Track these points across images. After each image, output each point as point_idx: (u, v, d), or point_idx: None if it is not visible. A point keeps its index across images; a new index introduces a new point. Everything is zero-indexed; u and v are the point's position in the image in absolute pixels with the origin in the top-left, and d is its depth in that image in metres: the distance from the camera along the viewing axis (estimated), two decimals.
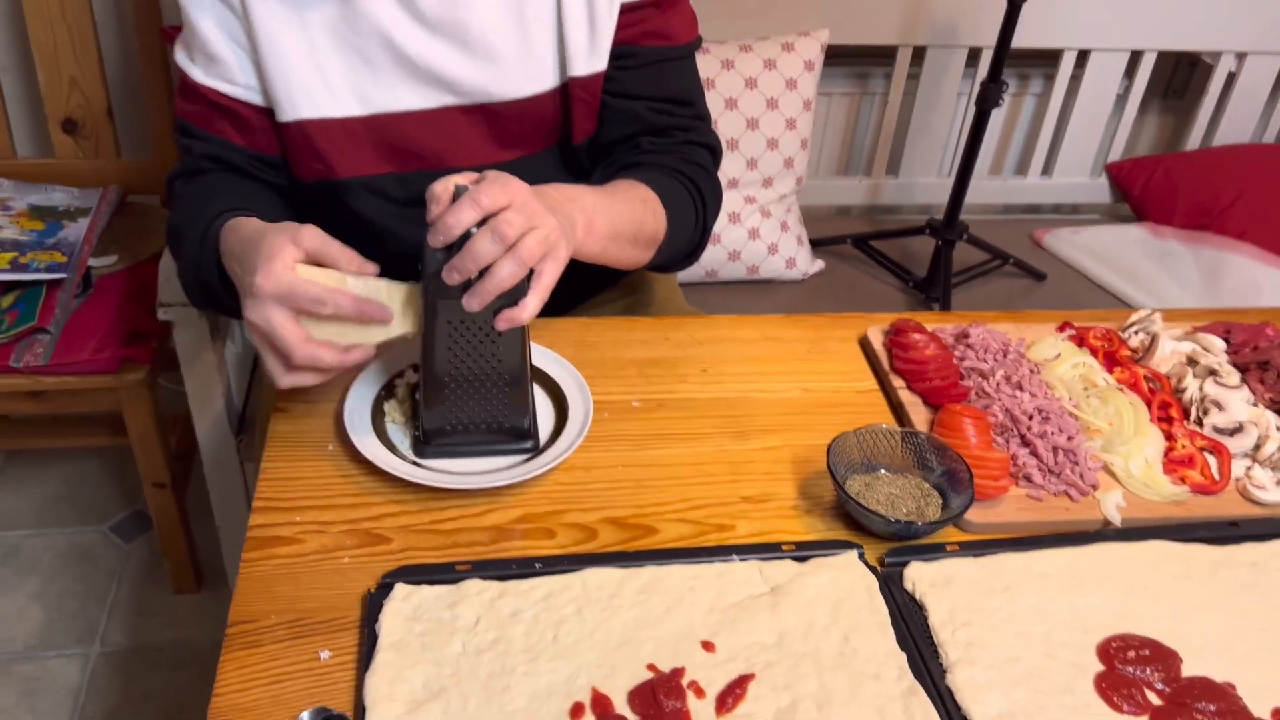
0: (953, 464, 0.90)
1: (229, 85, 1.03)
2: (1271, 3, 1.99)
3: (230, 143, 1.05)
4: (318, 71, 1.02)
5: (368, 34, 1.01)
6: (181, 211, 1.02)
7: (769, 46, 1.74)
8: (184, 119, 1.05)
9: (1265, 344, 1.12)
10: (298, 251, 0.82)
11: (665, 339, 1.11)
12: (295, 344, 0.81)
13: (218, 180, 1.04)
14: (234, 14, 1.00)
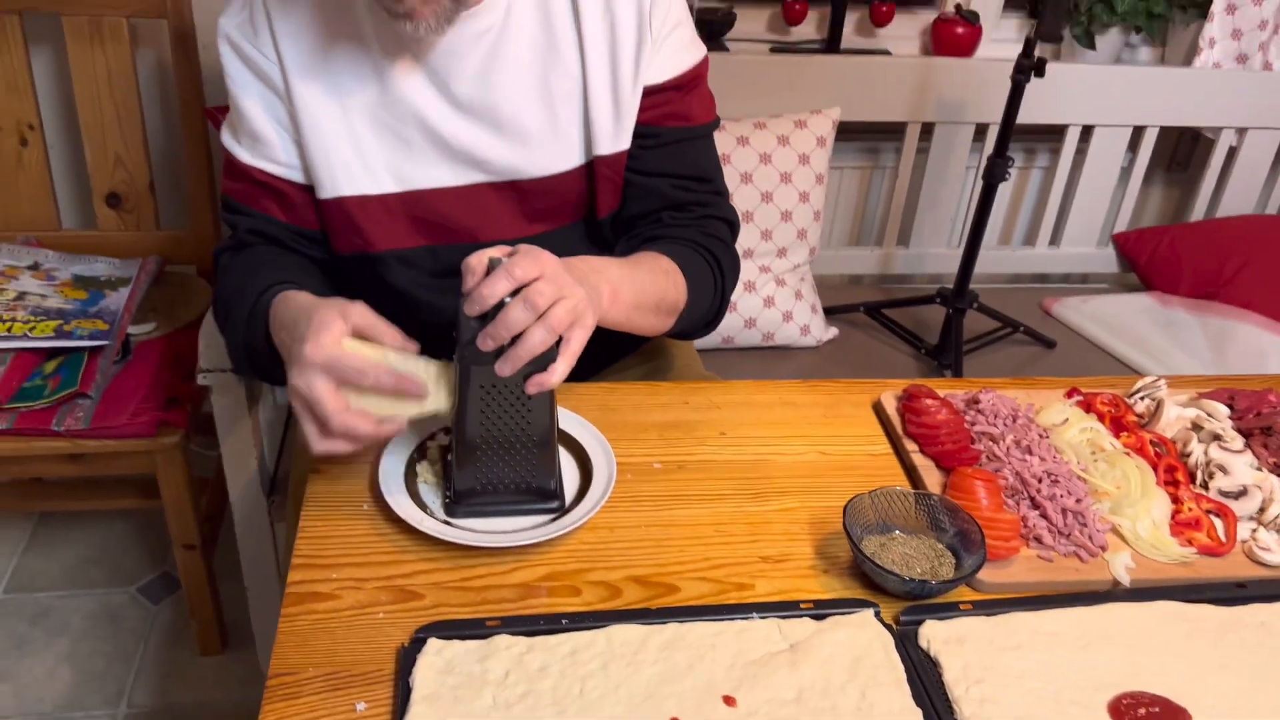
0: (965, 525, 0.93)
1: (272, 164, 1.09)
2: (1268, 81, 2.06)
3: (273, 218, 1.11)
4: (357, 151, 1.08)
5: (404, 116, 1.08)
6: (229, 284, 1.08)
7: (783, 124, 1.81)
8: (229, 196, 1.12)
9: (1268, 409, 1.15)
10: (345, 326, 0.87)
11: (685, 403, 1.15)
12: (334, 411, 0.86)
13: (262, 253, 1.10)
14: (279, 98, 1.07)
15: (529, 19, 1.08)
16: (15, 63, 1.66)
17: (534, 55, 1.09)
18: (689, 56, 1.15)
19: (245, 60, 1.07)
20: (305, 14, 1.06)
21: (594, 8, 1.08)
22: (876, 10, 2.08)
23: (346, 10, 1.06)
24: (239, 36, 1.06)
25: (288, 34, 1.05)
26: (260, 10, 1.06)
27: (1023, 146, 2.20)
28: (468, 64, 1.07)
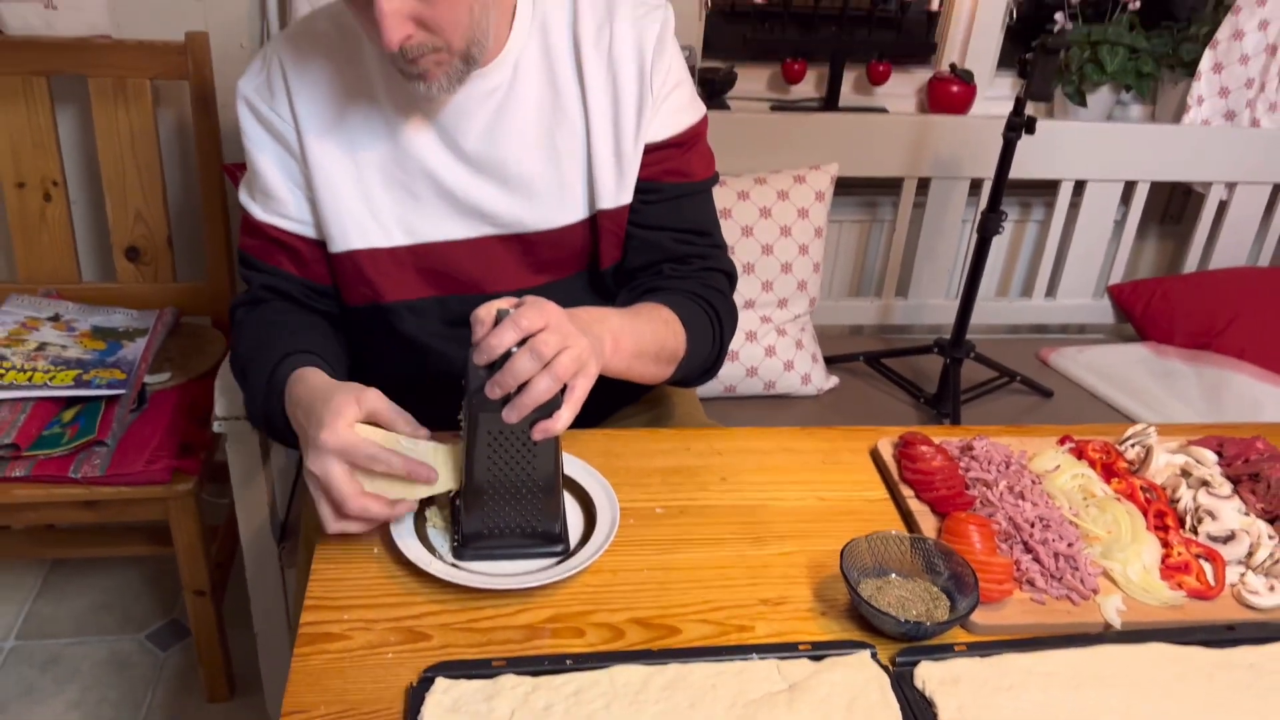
0: (959, 569, 0.96)
1: (286, 221, 1.14)
2: (1255, 138, 2.12)
3: (287, 273, 1.15)
4: (368, 206, 1.13)
5: (415, 172, 1.12)
6: (246, 343, 1.12)
7: (782, 179, 1.87)
8: (245, 252, 1.16)
9: (1255, 456, 1.17)
10: (359, 411, 0.92)
11: (687, 449, 1.18)
12: (349, 496, 0.90)
13: (277, 311, 1.14)
14: (293, 157, 1.12)
15: (535, 78, 1.13)
16: (42, 122, 1.72)
17: (540, 113, 1.14)
18: (689, 115, 1.20)
19: (262, 121, 1.12)
20: (321, 76, 1.11)
21: (597, 68, 1.13)
22: (873, 69, 2.15)
23: (360, 72, 1.11)
24: (256, 98, 1.12)
25: (304, 96, 1.11)
26: (277, 73, 1.11)
27: (1018, 200, 2.25)
28: (476, 121, 1.12)
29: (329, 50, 1.12)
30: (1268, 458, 1.17)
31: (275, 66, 1.12)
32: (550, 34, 1.13)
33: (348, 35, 1.12)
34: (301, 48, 1.12)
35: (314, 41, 1.12)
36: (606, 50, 1.13)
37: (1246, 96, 2.12)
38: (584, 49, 1.13)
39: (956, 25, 2.19)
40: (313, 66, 1.11)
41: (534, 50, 1.13)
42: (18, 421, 1.49)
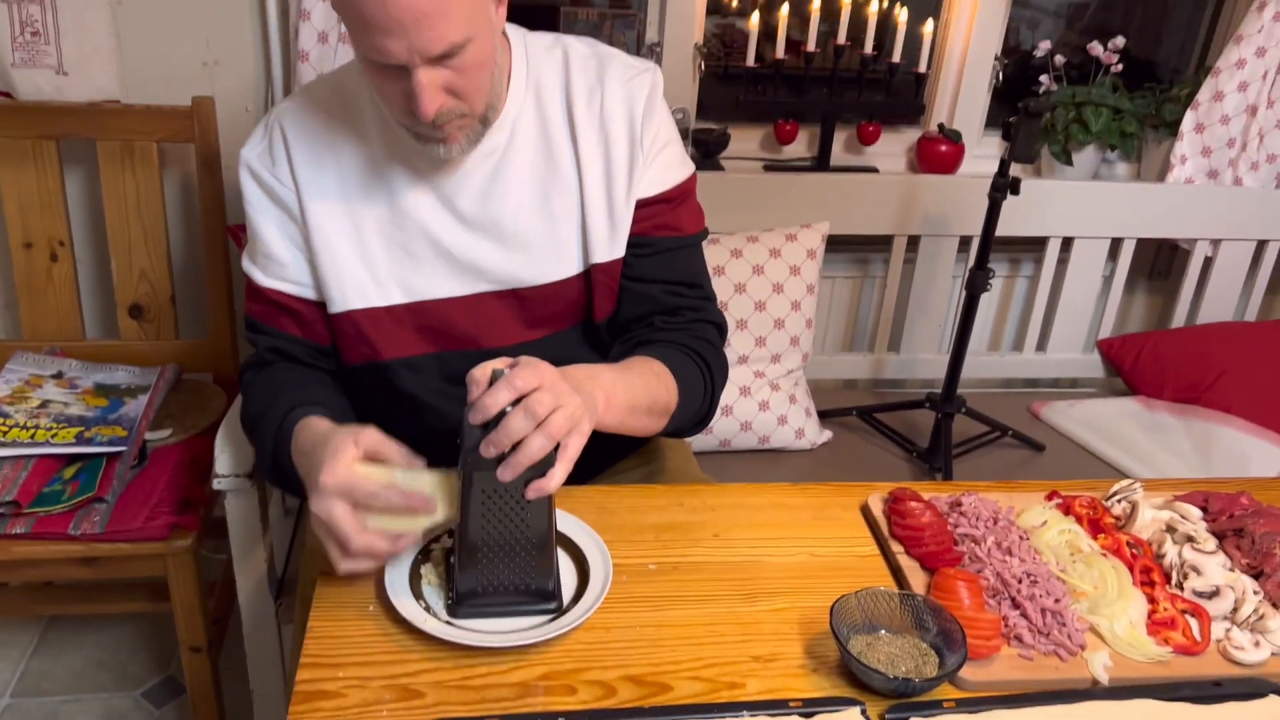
0: (947, 625, 0.97)
1: (287, 284, 1.17)
2: (1238, 195, 2.16)
3: (291, 335, 1.19)
4: (367, 267, 1.16)
5: (413, 232, 1.16)
6: (255, 402, 1.15)
7: (774, 237, 1.90)
8: (251, 316, 1.20)
9: (1240, 512, 1.19)
10: (357, 451, 0.95)
11: (680, 505, 1.20)
12: (353, 534, 0.93)
13: (283, 372, 1.18)
14: (294, 221, 1.16)
15: (530, 138, 1.17)
16: (51, 184, 1.76)
17: (535, 172, 1.18)
18: (678, 173, 1.24)
19: (264, 187, 1.16)
20: (321, 142, 1.15)
21: (589, 128, 1.18)
22: (863, 130, 2.20)
23: (360, 137, 1.15)
24: (258, 165, 1.16)
25: (304, 162, 1.15)
26: (279, 140, 1.15)
27: (1008, 256, 2.29)
28: (474, 182, 1.15)
29: (329, 117, 1.16)
30: (1252, 513, 1.18)
31: (277, 134, 1.16)
32: (544, 96, 1.18)
33: (348, 102, 1.16)
34: (302, 115, 1.16)
35: (315, 108, 1.17)
36: (599, 111, 1.18)
37: (1229, 156, 2.17)
38: (577, 110, 1.17)
39: (944, 87, 2.25)
40: (313, 133, 1.15)
41: (529, 112, 1.17)
42: (19, 479, 1.51)
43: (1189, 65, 2.46)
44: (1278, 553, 1.11)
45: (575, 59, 1.19)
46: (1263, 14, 2.04)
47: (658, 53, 2.11)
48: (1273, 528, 1.15)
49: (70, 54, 1.76)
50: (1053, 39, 2.26)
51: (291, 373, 1.18)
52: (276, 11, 1.81)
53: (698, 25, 2.10)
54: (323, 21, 1.75)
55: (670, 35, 2.09)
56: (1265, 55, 2.08)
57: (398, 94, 1.03)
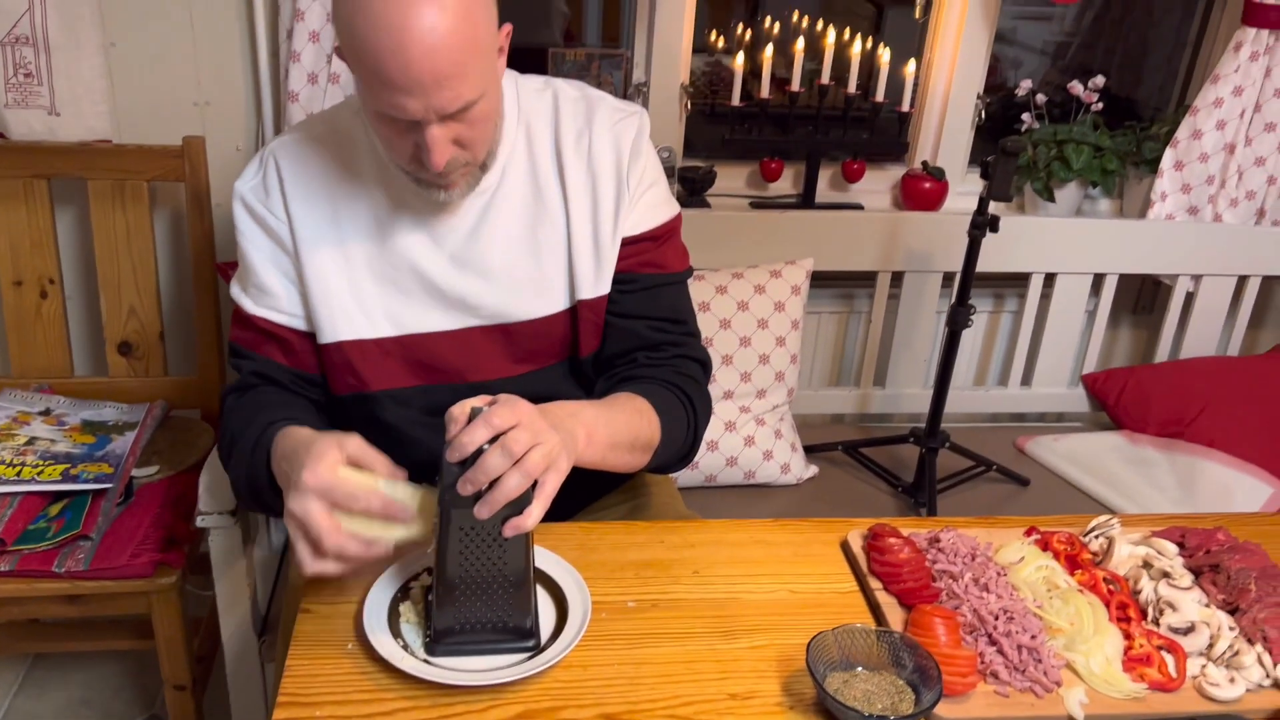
0: (923, 661, 0.97)
1: (277, 314, 1.19)
2: (1218, 232, 2.19)
3: (276, 363, 1.20)
4: (357, 299, 1.18)
5: (403, 268, 1.18)
6: (234, 422, 1.16)
7: (758, 274, 1.92)
8: (236, 343, 1.21)
9: (1216, 547, 1.20)
10: (341, 455, 0.96)
11: (660, 542, 1.21)
12: (326, 532, 0.93)
13: (266, 394, 1.19)
14: (286, 253, 1.18)
15: (520, 178, 1.20)
16: (41, 223, 1.78)
17: (523, 211, 1.20)
18: (663, 213, 1.26)
19: (257, 220, 1.18)
20: (316, 178, 1.17)
21: (577, 168, 1.20)
22: (848, 167, 2.22)
23: (354, 174, 1.18)
24: (252, 198, 1.18)
25: (298, 196, 1.17)
26: (274, 174, 1.18)
27: (992, 292, 2.31)
28: (464, 221, 1.18)
29: (324, 153, 1.18)
30: (1228, 548, 1.19)
31: (272, 168, 1.18)
32: (534, 137, 1.21)
33: (343, 140, 1.19)
34: (298, 151, 1.19)
35: (310, 145, 1.19)
36: (586, 151, 1.20)
37: (1208, 192, 2.20)
38: (565, 150, 1.20)
39: (928, 125, 2.28)
40: (308, 169, 1.18)
41: (520, 152, 1.20)
42: (4, 516, 1.51)
43: (1169, 103, 2.49)
44: (1253, 588, 1.12)
45: (565, 101, 1.22)
46: (1239, 54, 2.08)
47: (645, 93, 2.14)
48: (1248, 563, 1.16)
49: (63, 95, 1.78)
50: (1036, 78, 2.29)
51: (274, 395, 1.19)
52: (267, 53, 1.84)
53: (683, 65, 2.13)
54: (312, 63, 1.78)
55: (657, 75, 2.12)
56: (1242, 94, 2.12)
57: (407, 145, 1.06)
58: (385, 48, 0.97)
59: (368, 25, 0.97)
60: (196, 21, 1.82)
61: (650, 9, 2.07)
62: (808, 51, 2.11)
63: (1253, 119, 2.15)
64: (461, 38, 0.98)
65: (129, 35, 1.81)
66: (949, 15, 2.18)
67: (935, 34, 2.22)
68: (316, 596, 1.06)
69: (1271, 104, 2.13)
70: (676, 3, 2.06)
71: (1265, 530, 1.31)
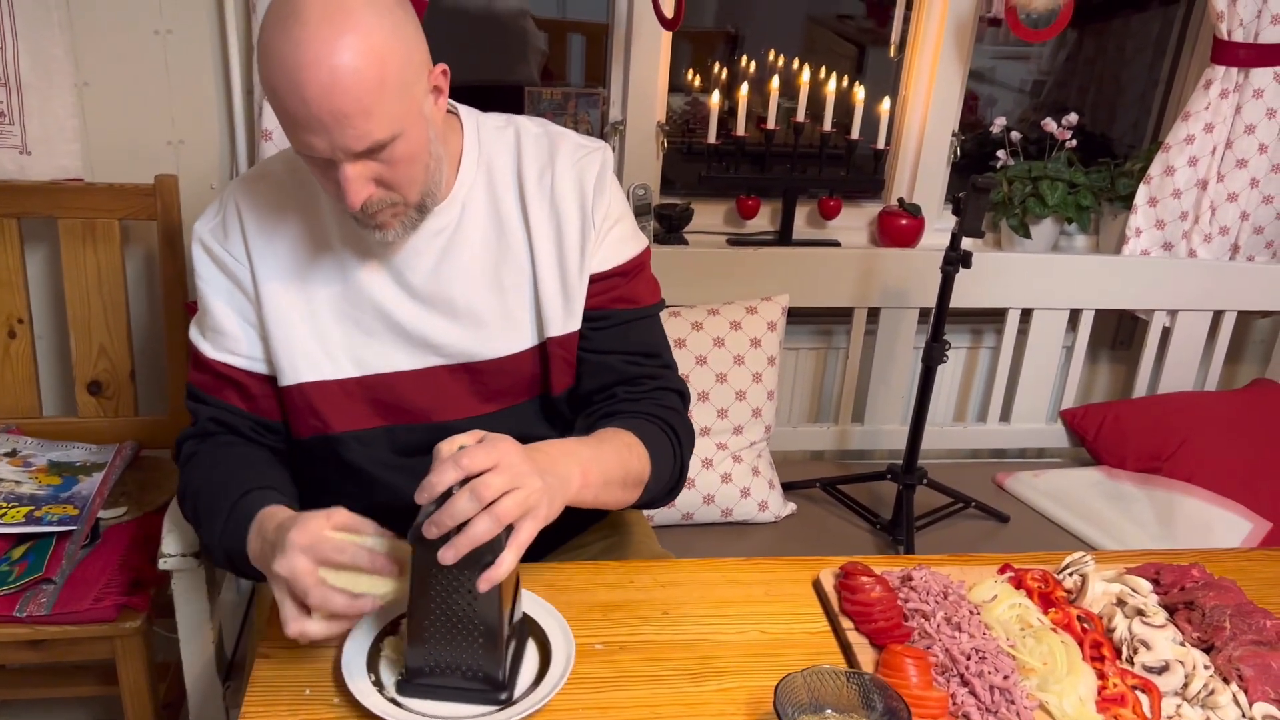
0: (893, 703, 0.96)
1: (236, 358, 1.17)
2: (1193, 267, 2.20)
3: (235, 408, 1.18)
4: (319, 340, 1.17)
5: (365, 307, 1.17)
6: (197, 476, 1.15)
7: (734, 310, 1.92)
8: (195, 386, 1.20)
9: (1191, 584, 1.19)
10: (328, 523, 0.95)
11: (630, 582, 1.19)
12: (312, 586, 0.92)
13: (227, 448, 1.17)
14: (246, 296, 1.16)
15: (481, 217, 1.19)
16: (11, 262, 1.77)
17: (485, 248, 1.19)
18: (631, 247, 1.26)
19: (216, 261, 1.17)
20: (275, 218, 1.17)
21: (540, 206, 1.20)
22: (824, 204, 2.23)
23: (314, 214, 1.17)
24: (211, 240, 1.17)
25: (258, 237, 1.16)
26: (234, 216, 1.17)
27: (970, 328, 2.31)
28: (425, 260, 1.17)
29: (284, 194, 1.18)
30: (1202, 585, 1.18)
31: (231, 209, 1.17)
32: (495, 176, 1.20)
33: (302, 180, 1.18)
34: (257, 191, 1.18)
35: (269, 186, 1.18)
36: (549, 188, 1.20)
37: (1182, 228, 2.21)
38: (528, 187, 1.20)
39: (904, 162, 2.29)
40: (268, 209, 1.17)
41: (480, 191, 1.19)
42: None
43: (1143, 140, 2.52)
44: (1228, 626, 1.11)
45: (527, 138, 1.22)
46: (1209, 91, 2.10)
47: (621, 131, 2.15)
48: (1223, 600, 1.15)
49: (35, 134, 1.78)
50: (1015, 116, 2.31)
51: (238, 449, 1.17)
52: (241, 91, 1.84)
53: (660, 104, 2.15)
54: None
55: (633, 113, 2.13)
56: (1213, 131, 2.14)
57: (330, 183, 1.05)
58: (285, 85, 0.97)
59: (271, 62, 0.97)
60: (170, 60, 1.82)
61: (626, 48, 2.09)
62: (783, 90, 2.12)
63: (1224, 155, 2.17)
64: (363, 77, 0.97)
65: (102, 74, 1.81)
66: (923, 54, 2.20)
67: (910, 72, 2.24)
68: (275, 641, 1.04)
69: (1242, 140, 2.15)
70: (652, 42, 2.07)
71: (1241, 566, 1.30)
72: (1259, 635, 1.10)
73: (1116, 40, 2.66)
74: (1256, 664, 1.06)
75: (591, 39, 2.49)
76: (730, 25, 2.77)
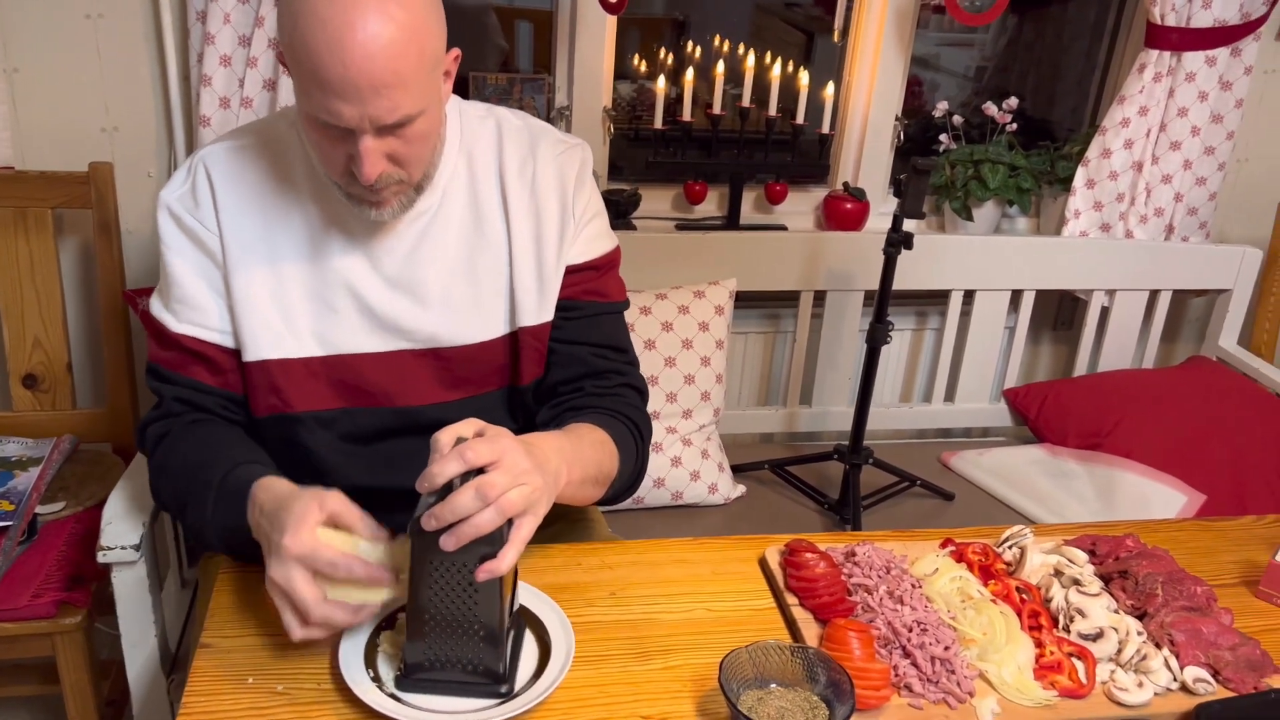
0: (836, 676, 0.97)
1: (203, 330, 1.15)
2: (1128, 248, 2.25)
3: (202, 384, 1.16)
4: (284, 317, 1.15)
5: (336, 286, 1.15)
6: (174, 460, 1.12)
7: (682, 294, 1.93)
8: (158, 364, 1.17)
9: (1125, 554, 1.22)
10: (321, 515, 0.94)
11: (578, 564, 1.19)
12: (312, 604, 0.91)
13: (202, 426, 1.15)
14: (216, 265, 1.14)
15: (460, 203, 1.19)
16: None
17: (462, 235, 1.19)
18: (605, 244, 1.27)
19: (185, 230, 1.14)
20: (249, 190, 1.14)
21: (521, 196, 1.20)
22: (771, 189, 2.24)
23: (288, 189, 1.15)
24: (180, 208, 1.14)
25: (230, 207, 1.14)
26: (204, 184, 1.14)
27: (915, 310, 2.34)
28: (401, 243, 1.16)
29: (259, 166, 1.16)
30: (1136, 555, 1.21)
31: (202, 177, 1.15)
32: (476, 163, 1.20)
33: (277, 152, 1.16)
34: (230, 161, 1.16)
35: (243, 155, 1.16)
36: (530, 180, 1.20)
37: (1119, 210, 2.26)
38: (509, 177, 1.20)
39: (848, 147, 2.31)
40: (241, 180, 1.15)
41: (461, 177, 1.19)
42: None
43: (1083, 124, 2.56)
44: (1160, 593, 1.14)
45: (509, 130, 1.22)
46: (1143, 75, 2.14)
47: (567, 116, 2.14)
48: (1156, 568, 1.18)
49: None
50: (958, 101, 2.34)
51: (210, 427, 1.15)
52: (177, 77, 1.80)
53: (605, 89, 2.14)
54: (224, 87, 1.75)
55: (579, 99, 2.13)
56: (1147, 114, 2.18)
57: (339, 155, 1.04)
58: (325, 48, 0.96)
59: (310, 24, 0.96)
60: (103, 46, 1.78)
61: (571, 34, 2.08)
62: (728, 75, 2.13)
63: (1159, 138, 2.22)
64: (404, 49, 0.97)
65: (32, 60, 1.77)
66: (866, 40, 2.22)
67: (853, 58, 2.26)
68: (216, 630, 1.03)
69: (1175, 123, 2.20)
70: (597, 27, 2.07)
71: (1174, 536, 1.34)
72: (1190, 601, 1.13)
73: (1056, 25, 2.70)
74: (1187, 629, 1.10)
75: (539, 26, 2.48)
76: (679, 12, 2.77)
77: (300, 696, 0.96)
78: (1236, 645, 1.09)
